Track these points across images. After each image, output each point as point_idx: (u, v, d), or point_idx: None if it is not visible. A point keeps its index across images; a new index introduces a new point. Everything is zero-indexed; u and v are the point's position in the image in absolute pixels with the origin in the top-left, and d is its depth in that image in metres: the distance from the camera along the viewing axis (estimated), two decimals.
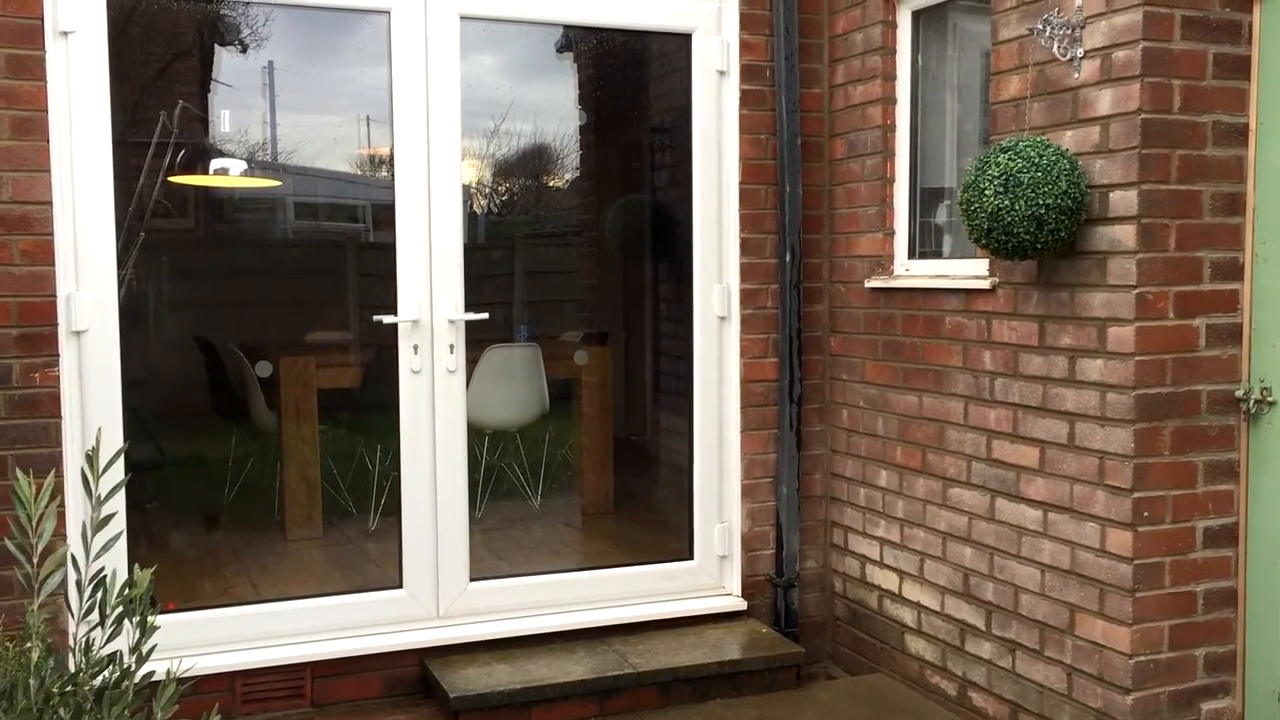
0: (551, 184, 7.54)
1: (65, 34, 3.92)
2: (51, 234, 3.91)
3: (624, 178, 6.40)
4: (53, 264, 3.91)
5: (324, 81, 6.38)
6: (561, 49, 5.97)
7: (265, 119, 6.94)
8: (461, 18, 4.43)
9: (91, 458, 2.08)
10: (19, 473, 1.97)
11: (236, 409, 6.22)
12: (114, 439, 3.94)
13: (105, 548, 2.21)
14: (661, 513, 5.74)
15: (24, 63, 3.84)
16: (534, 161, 7.22)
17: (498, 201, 7.56)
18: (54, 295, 3.92)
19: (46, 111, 3.87)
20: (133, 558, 3.98)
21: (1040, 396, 3.84)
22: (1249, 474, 3.59)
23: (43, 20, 3.86)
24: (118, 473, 2.70)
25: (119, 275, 4.09)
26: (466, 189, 4.96)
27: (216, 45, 6.28)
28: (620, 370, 6.24)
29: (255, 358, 6.00)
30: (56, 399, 3.93)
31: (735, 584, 4.89)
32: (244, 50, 6.13)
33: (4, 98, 3.81)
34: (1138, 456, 3.51)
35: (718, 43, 4.74)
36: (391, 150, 4.42)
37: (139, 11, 4.33)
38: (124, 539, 3.94)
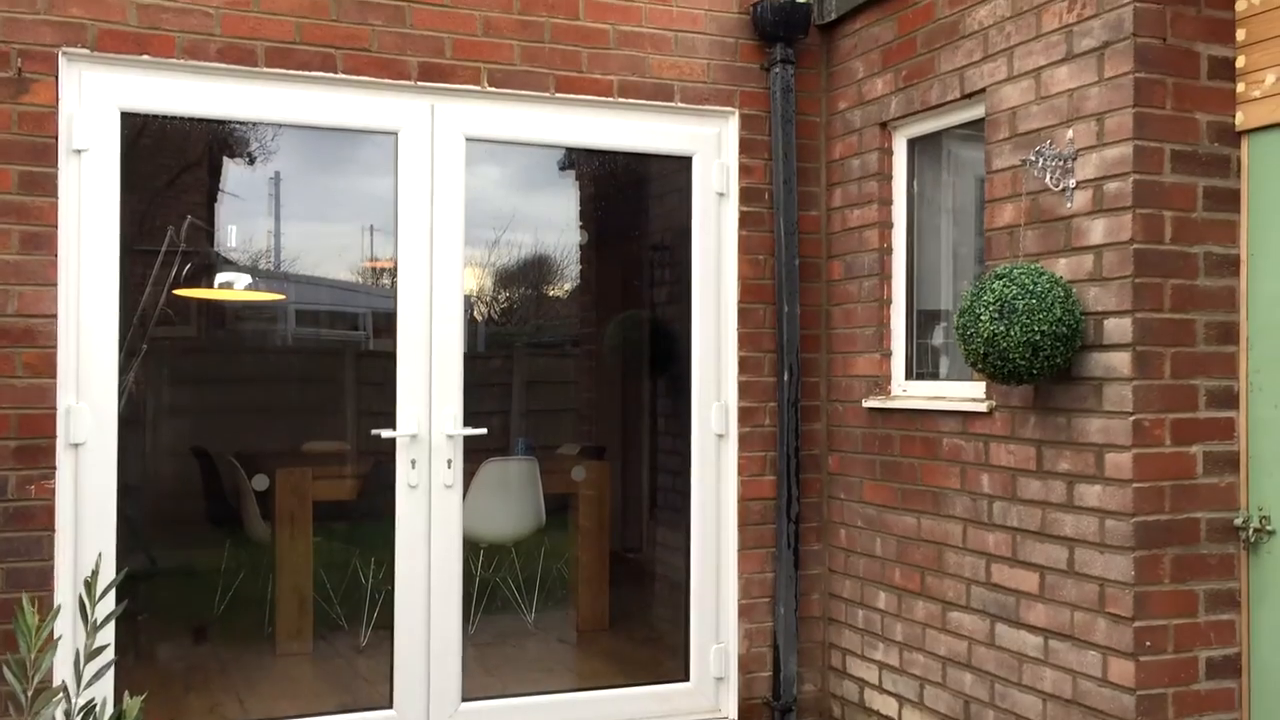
0: (552, 293, 7.61)
1: (78, 152, 4.00)
2: (55, 347, 3.94)
3: (624, 293, 6.47)
4: (54, 376, 3.93)
5: (329, 192, 6.49)
6: (564, 167, 6.08)
7: (270, 229, 7.04)
8: (467, 139, 4.53)
9: (90, 585, 2.07)
10: (24, 602, 1.95)
11: (231, 519, 6.17)
12: (108, 557, 3.90)
13: (97, 675, 2.18)
14: (657, 630, 5.67)
15: (36, 180, 3.91)
16: (535, 272, 7.31)
17: (498, 309, 7.63)
18: (54, 408, 3.93)
19: (56, 227, 3.94)
20: (120, 672, 3.91)
21: (1039, 521, 3.83)
22: (1250, 604, 3.56)
23: (57, 139, 3.95)
24: (111, 600, 2.66)
25: (119, 386, 4.11)
26: (467, 299, 5.02)
27: (225, 158, 6.40)
28: (618, 485, 6.23)
29: (252, 467, 5.97)
30: (51, 512, 3.91)
31: (732, 707, 4.80)
32: (251, 162, 6.24)
33: (15, 213, 3.88)
34: (1138, 584, 3.49)
35: (718, 166, 4.84)
36: (395, 265, 4.49)
37: (150, 128, 4.42)
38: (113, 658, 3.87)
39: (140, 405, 5.95)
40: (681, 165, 4.89)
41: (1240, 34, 3.56)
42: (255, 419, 6.68)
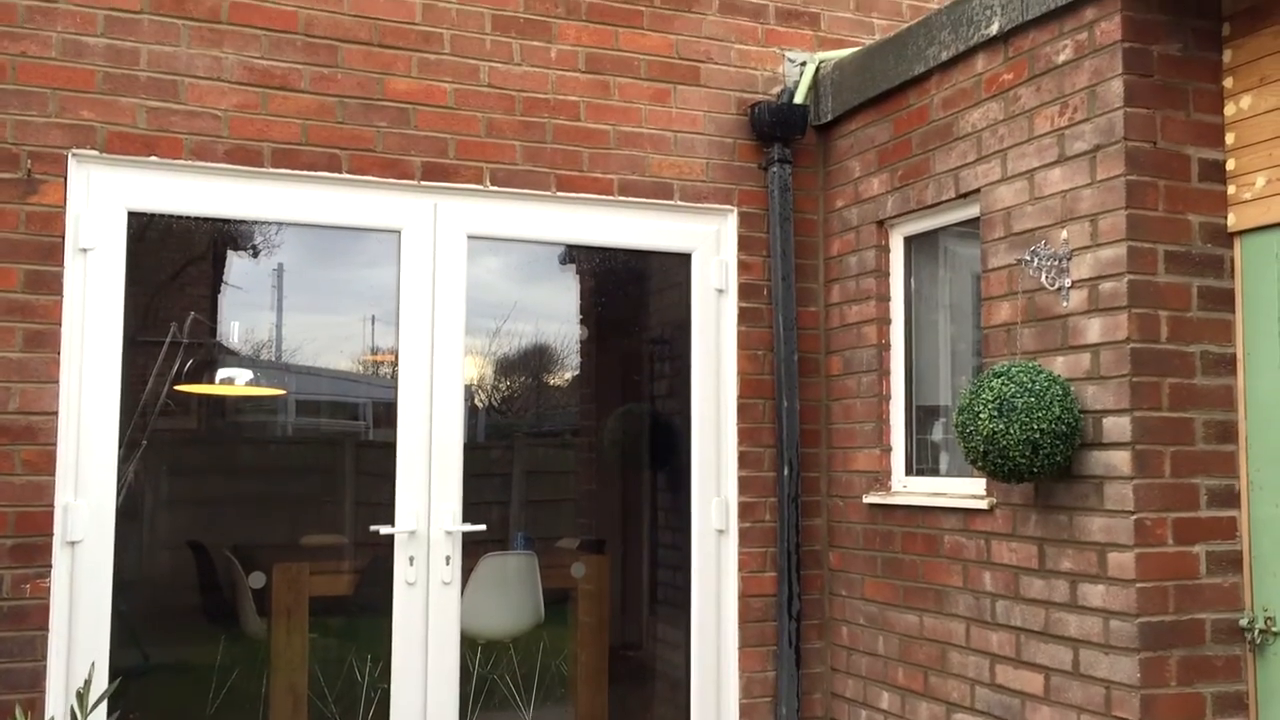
0: (552, 383, 7.62)
1: (84, 250, 4.05)
2: (54, 444, 3.94)
3: (623, 385, 6.47)
4: (53, 474, 3.93)
5: (332, 283, 6.53)
6: (565, 261, 6.13)
7: (273, 321, 7.07)
8: (469, 237, 4.58)
9: (82, 697, 2.04)
10: (17, 713, 1.92)
11: (226, 614, 6.10)
12: (102, 659, 3.87)
13: None
14: None
15: (42, 278, 3.95)
16: (535, 362, 7.32)
17: (498, 398, 7.63)
18: (52, 505, 3.92)
19: (60, 325, 3.97)
20: None
21: (1043, 621, 3.79)
22: (1259, 707, 3.51)
23: (63, 238, 3.99)
24: (103, 713, 2.63)
25: (119, 481, 4.10)
26: (468, 388, 5.04)
27: (229, 251, 6.45)
28: (617, 579, 6.16)
29: (249, 561, 5.91)
30: (45, 611, 3.87)
31: None
32: (255, 256, 6.29)
33: (20, 311, 3.91)
34: (1144, 687, 3.44)
35: (716, 263, 4.89)
36: (396, 359, 4.50)
37: (155, 224, 4.47)
38: None
39: (138, 499, 5.92)
40: (681, 261, 4.94)
41: (1230, 138, 3.63)
42: (253, 511, 6.63)
